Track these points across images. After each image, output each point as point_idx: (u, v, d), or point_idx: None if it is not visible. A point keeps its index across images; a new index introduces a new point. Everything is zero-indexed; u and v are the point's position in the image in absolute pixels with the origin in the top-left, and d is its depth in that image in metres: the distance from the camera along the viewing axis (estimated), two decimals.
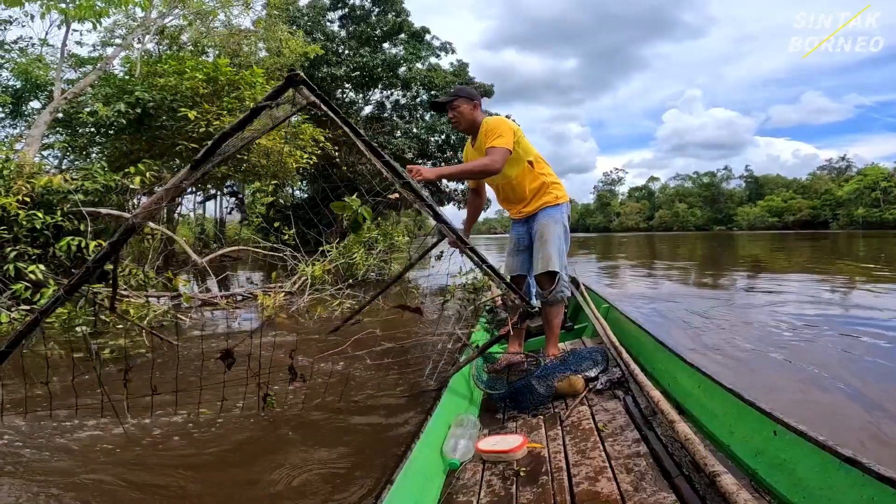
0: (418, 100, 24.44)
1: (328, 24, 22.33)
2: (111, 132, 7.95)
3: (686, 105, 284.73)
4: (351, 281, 5.41)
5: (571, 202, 3.05)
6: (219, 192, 18.71)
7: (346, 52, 21.28)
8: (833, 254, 16.88)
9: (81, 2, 5.99)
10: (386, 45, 22.56)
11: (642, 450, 1.63)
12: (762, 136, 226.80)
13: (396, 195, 1.99)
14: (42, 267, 5.12)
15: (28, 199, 5.47)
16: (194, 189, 8.01)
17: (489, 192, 3.18)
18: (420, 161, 24.76)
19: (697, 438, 1.42)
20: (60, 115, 7.96)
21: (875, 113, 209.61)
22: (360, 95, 23.97)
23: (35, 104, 10.46)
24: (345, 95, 22.99)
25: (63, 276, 5.31)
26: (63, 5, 6.14)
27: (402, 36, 22.68)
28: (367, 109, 24.43)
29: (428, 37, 23.61)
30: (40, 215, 5.39)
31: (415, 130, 23.68)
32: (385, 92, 24.02)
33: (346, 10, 22.82)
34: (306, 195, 24.79)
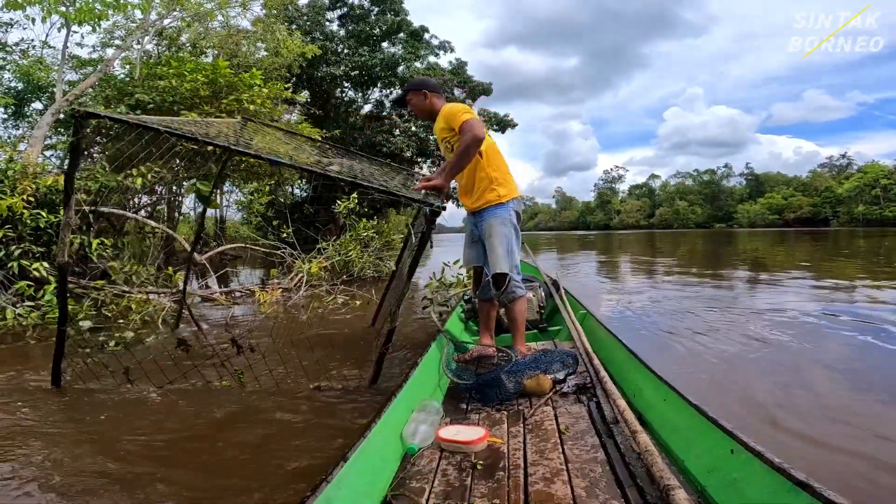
0: None
1: (327, 23, 22.43)
2: (111, 133, 8.09)
3: (687, 103, 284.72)
4: (345, 277, 5.56)
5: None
6: (218, 191, 18.81)
7: (345, 51, 21.39)
8: (833, 251, 16.97)
9: (81, 5, 6.12)
10: (385, 44, 22.66)
11: (600, 456, 1.65)
12: (764, 133, 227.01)
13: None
14: (45, 265, 5.26)
15: (32, 199, 5.62)
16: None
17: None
18: (419, 160, 24.92)
19: (656, 450, 1.43)
20: (62, 115, 8.11)
21: (877, 110, 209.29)
22: (360, 94, 24.10)
23: (37, 105, 10.62)
24: (344, 94, 23.13)
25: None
26: (63, 8, 6.27)
27: (401, 35, 22.78)
28: (367, 108, 24.59)
29: (427, 36, 23.72)
30: (44, 214, 5.54)
31: (413, 129, 23.82)
32: (385, 90, 24.16)
33: (346, 9, 22.92)
34: (306, 194, 24.97)
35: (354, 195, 7.18)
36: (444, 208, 2.38)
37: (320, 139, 9.41)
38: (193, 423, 2.53)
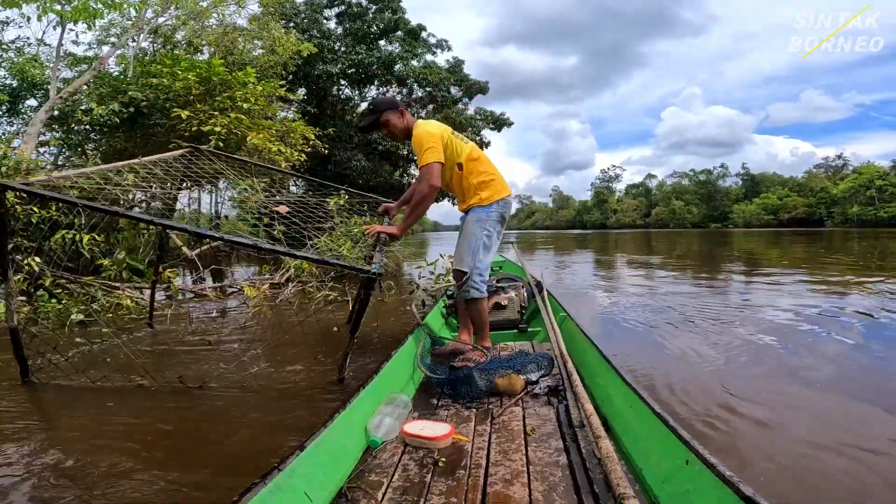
0: (413, 96, 24.64)
1: (325, 21, 22.47)
2: (105, 130, 8.15)
3: (686, 103, 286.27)
4: (333, 274, 5.63)
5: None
6: (214, 189, 18.84)
7: (342, 49, 21.43)
8: (828, 251, 17.09)
9: (77, 4, 6.18)
10: (382, 42, 22.71)
11: (562, 460, 1.65)
12: (761, 134, 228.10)
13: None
14: (38, 259, 5.33)
15: (25, 195, 5.67)
16: (188, 186, 8.18)
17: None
18: (415, 158, 24.96)
19: (617, 457, 1.45)
20: (56, 112, 8.16)
21: (874, 111, 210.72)
22: (356, 92, 24.15)
23: (31, 102, 10.66)
24: (340, 92, 23.17)
25: (58, 268, 5.52)
26: (59, 7, 6.33)
27: (399, 33, 22.84)
28: (363, 106, 24.64)
29: (424, 34, 23.80)
30: (36, 210, 5.59)
31: None
32: (382, 88, 24.22)
33: (343, 7, 22.97)
34: (301, 191, 25.03)
35: (344, 194, 7.28)
36: (381, 275, 2.46)
37: (313, 137, 9.47)
38: (156, 419, 2.52)
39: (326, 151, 11.78)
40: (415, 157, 20.61)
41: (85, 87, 8.22)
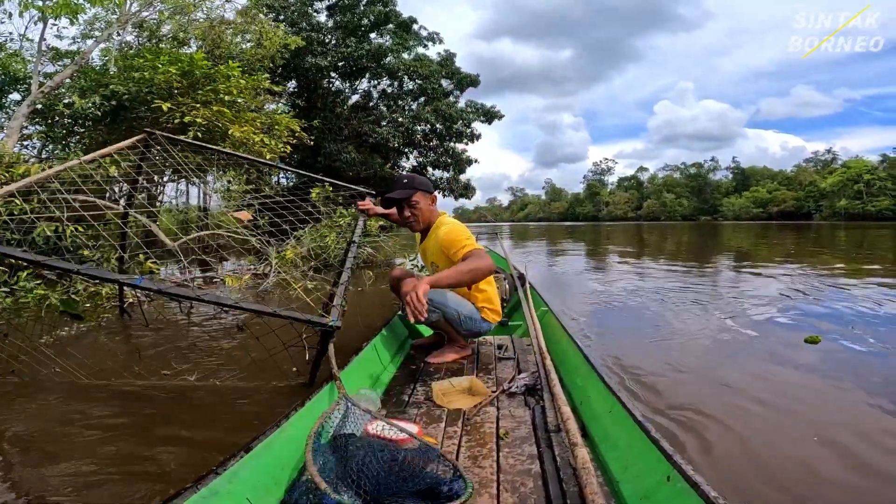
0: (405, 88, 24.65)
1: (315, 14, 22.35)
2: (88, 123, 8.17)
3: (678, 97, 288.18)
4: (314, 263, 5.74)
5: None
6: (200, 182, 18.83)
7: (333, 42, 21.36)
8: (815, 245, 17.32)
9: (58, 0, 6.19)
10: (373, 35, 22.64)
11: (535, 469, 1.54)
12: (752, 128, 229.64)
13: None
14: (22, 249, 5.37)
15: None
16: (175, 178, 8.27)
17: (476, 182, 3.10)
18: (406, 150, 25.06)
19: (593, 468, 1.31)
20: (39, 106, 8.17)
21: (864, 107, 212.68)
22: (347, 84, 24.10)
23: (14, 96, 10.62)
24: (331, 85, 23.10)
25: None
26: (39, 3, 6.34)
27: (390, 26, 22.77)
28: (355, 98, 24.61)
29: (415, 27, 23.75)
30: (18, 202, 5.63)
31: (400, 119, 23.92)
32: (373, 81, 24.19)
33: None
34: (291, 184, 25.00)
35: (329, 186, 7.39)
36: (339, 328, 2.24)
37: (299, 129, 9.53)
38: (111, 415, 2.46)
39: (312, 143, 11.82)
40: (405, 149, 20.44)
41: (68, 80, 8.23)
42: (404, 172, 25.68)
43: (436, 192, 2.64)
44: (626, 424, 1.59)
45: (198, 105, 7.30)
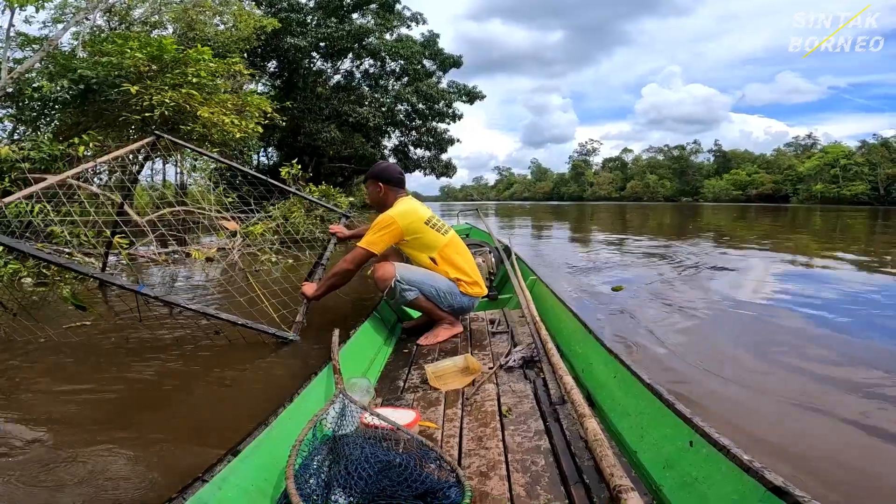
0: (387, 69, 24.49)
1: None
2: (58, 106, 8.21)
3: (665, 80, 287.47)
4: (282, 237, 6.00)
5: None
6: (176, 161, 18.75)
7: (314, 22, 21.04)
8: (791, 227, 17.72)
9: None
10: (355, 15, 22.37)
11: (544, 445, 1.44)
12: (737, 112, 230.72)
13: None
14: None
15: None
16: (151, 158, 8.38)
17: (463, 162, 3.33)
18: (388, 129, 25.06)
19: (606, 440, 1.23)
20: (10, 90, 8.20)
21: (847, 94, 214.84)
22: (329, 64, 23.85)
23: None
24: (312, 65, 22.83)
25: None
26: None
27: (372, 6, 22.45)
28: (336, 78, 24.39)
29: (399, 6, 23.46)
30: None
31: (382, 99, 23.85)
32: (355, 61, 23.98)
33: None
34: (272, 162, 24.89)
35: (296, 163, 7.67)
36: (295, 340, 2.33)
37: (270, 110, 9.61)
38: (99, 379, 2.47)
39: (285, 123, 11.88)
40: (387, 129, 20.60)
41: (37, 65, 8.23)
42: (384, 156, 25.49)
43: (387, 184, 2.71)
44: (635, 389, 1.50)
45: (166, 88, 7.39)
